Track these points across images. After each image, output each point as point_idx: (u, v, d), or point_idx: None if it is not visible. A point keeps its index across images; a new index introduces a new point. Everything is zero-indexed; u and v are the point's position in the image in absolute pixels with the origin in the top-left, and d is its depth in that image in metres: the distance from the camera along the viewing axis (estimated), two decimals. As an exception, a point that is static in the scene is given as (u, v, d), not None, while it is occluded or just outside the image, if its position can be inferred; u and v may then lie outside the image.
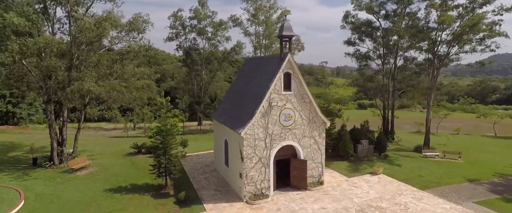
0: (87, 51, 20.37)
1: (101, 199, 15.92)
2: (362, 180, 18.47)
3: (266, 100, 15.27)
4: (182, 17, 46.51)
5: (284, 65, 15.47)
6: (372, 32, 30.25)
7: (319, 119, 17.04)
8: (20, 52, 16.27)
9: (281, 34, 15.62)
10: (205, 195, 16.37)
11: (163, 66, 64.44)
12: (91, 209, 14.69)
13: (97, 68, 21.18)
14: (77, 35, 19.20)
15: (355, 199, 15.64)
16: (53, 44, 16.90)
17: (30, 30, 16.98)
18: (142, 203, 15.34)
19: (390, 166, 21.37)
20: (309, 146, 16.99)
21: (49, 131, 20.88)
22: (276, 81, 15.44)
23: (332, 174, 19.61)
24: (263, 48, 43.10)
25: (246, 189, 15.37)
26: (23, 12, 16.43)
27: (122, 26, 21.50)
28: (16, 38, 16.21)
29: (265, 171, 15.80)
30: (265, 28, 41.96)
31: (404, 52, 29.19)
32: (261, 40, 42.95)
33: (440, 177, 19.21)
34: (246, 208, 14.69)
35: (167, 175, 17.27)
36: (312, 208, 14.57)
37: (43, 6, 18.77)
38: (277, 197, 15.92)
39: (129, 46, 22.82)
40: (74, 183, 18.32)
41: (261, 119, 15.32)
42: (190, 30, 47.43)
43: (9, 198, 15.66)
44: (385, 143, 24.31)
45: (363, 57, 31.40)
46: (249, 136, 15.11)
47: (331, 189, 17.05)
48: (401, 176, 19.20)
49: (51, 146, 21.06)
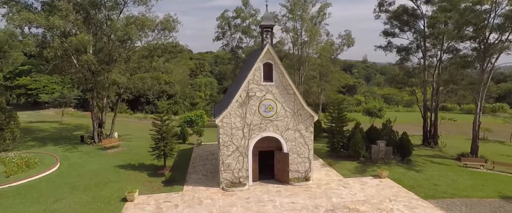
0: (119, 48, 23.86)
1: (109, 171, 18.69)
2: (357, 182, 16.83)
3: (244, 90, 15.45)
4: (229, 17, 49.06)
5: (263, 56, 15.37)
6: (413, 21, 26.57)
7: (305, 112, 16.28)
8: (62, 48, 20.36)
9: (261, 24, 15.52)
10: (191, 178, 17.52)
11: (226, 65, 69.52)
12: (97, 178, 17.44)
13: (128, 63, 24.59)
14: (110, 35, 22.76)
15: (334, 199, 14.49)
16: (85, 42, 20.49)
17: (70, 30, 21.04)
18: (136, 179, 17.41)
19: (405, 171, 18.76)
20: (294, 139, 16.40)
21: (91, 115, 25.28)
22: (255, 72, 15.46)
23: (329, 173, 18.40)
24: (302, 45, 42.15)
25: (223, 176, 15.88)
26: (65, 16, 20.47)
27: (150, 26, 24.39)
28: (60, 38, 20.34)
29: (243, 160, 15.99)
30: (302, 23, 40.90)
31: (450, 43, 24.71)
32: (299, 35, 41.99)
33: (462, 189, 16.02)
34: (218, 193, 15.22)
35: (165, 158, 19.08)
36: (281, 202, 14.17)
37: (86, 12, 22.80)
38: (254, 187, 15.94)
39: (156, 43, 25.75)
40: (100, 158, 21.88)
41: (238, 108, 15.59)
42: (236, 30, 49.63)
43: (49, 163, 19.81)
44: (410, 146, 21.27)
45: (404, 49, 27.81)
46: (225, 124, 15.57)
47: (316, 186, 16.12)
48: (409, 183, 16.73)
49: (93, 127, 25.45)
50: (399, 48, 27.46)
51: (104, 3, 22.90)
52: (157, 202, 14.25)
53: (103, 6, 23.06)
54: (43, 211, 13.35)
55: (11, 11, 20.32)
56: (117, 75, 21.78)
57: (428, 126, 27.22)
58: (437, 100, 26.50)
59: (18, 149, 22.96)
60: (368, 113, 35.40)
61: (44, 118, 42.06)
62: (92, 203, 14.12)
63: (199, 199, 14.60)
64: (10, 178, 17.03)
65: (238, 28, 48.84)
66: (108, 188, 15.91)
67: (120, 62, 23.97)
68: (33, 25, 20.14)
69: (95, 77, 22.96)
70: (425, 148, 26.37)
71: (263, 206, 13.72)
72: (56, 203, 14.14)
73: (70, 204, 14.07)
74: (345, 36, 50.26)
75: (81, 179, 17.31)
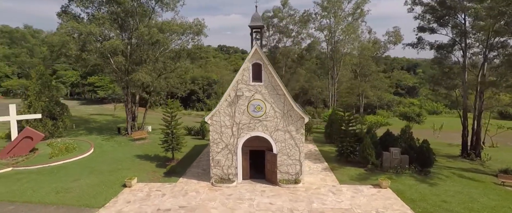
0: (148, 50, 26.60)
1: (126, 160, 21.15)
2: (352, 189, 15.79)
3: (232, 89, 15.93)
4: (267, 17, 49.67)
5: (251, 56, 15.61)
6: (453, 14, 23.29)
7: (295, 113, 15.96)
8: (98, 51, 23.78)
9: (249, 25, 15.75)
10: (190, 172, 18.73)
11: None
12: (114, 165, 19.94)
13: (155, 64, 27.21)
14: (139, 39, 25.58)
15: (315, 204, 13.96)
16: (116, 46, 23.48)
17: (106, 36, 24.36)
18: (144, 168, 19.36)
19: (415, 183, 16.80)
20: (284, 141, 16.22)
21: (125, 110, 28.70)
22: (244, 72, 15.80)
23: (326, 177, 17.62)
24: (335, 43, 40.32)
25: (212, 172, 16.64)
26: (102, 24, 23.80)
27: (176, 30, 26.58)
28: (96, 42, 23.79)
29: (232, 158, 16.49)
30: (336, 21, 39.08)
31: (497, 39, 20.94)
32: (333, 33, 40.21)
33: (476, 210, 13.73)
34: (205, 188, 16.04)
35: (173, 151, 20.72)
36: (259, 201, 14.26)
37: (121, 19, 26.01)
38: (242, 185, 16.31)
39: (181, 46, 27.90)
40: (126, 147, 24.79)
41: (227, 107, 16.13)
42: (276, 30, 49.98)
43: (85, 149, 23.30)
44: (431, 155, 18.88)
45: (440, 47, 24.59)
46: (214, 122, 16.28)
47: (304, 190, 15.69)
48: (412, 196, 15.01)
49: (127, 121, 28.87)
50: (433, 45, 24.30)
51: (136, 11, 25.78)
52: (150, 190, 15.75)
53: (135, 14, 25.96)
54: (61, 188, 15.98)
55: (63, 21, 24.51)
56: (143, 75, 24.38)
57: (468, 135, 23.56)
58: (480, 105, 22.77)
59: (69, 136, 27.49)
60: (405, 117, 32.13)
61: (103, 111, 48.91)
62: (98, 186, 16.33)
63: (186, 191, 15.63)
64: (52, 159, 20.67)
65: (276, 28, 49.20)
66: (117, 174, 18.11)
67: (148, 63, 26.68)
68: (76, 32, 23.93)
69: (127, 77, 26.03)
70: (464, 160, 22.90)
71: (239, 204, 14.04)
72: (72, 182, 16.76)
73: (82, 184, 16.53)
74: (393, 33, 46.32)
75: (101, 165, 20.02)
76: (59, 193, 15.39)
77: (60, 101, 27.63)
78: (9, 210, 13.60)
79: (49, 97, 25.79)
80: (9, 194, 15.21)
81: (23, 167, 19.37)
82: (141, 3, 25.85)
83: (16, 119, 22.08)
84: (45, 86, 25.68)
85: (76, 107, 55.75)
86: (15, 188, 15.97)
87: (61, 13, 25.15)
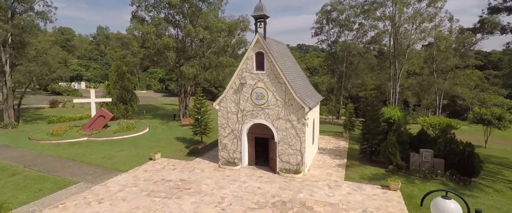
0: (196, 47, 29.79)
1: (166, 140, 24.52)
2: (352, 187, 14.54)
3: (237, 78, 16.78)
4: (326, 11, 47.80)
5: (253, 45, 16.10)
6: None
7: (296, 103, 15.68)
8: (154, 48, 28.13)
9: (252, 15, 16.20)
10: (208, 154, 20.46)
11: None
12: (153, 143, 23.48)
13: (202, 59, 30.21)
14: (188, 36, 28.96)
15: (302, 194, 13.59)
16: (167, 43, 27.28)
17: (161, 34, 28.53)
18: (175, 148, 22.12)
19: (439, 191, 14.16)
20: (285, 130, 16.14)
21: (178, 99, 32.77)
22: (247, 61, 16.43)
23: (333, 173, 16.59)
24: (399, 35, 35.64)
25: (220, 154, 17.90)
26: (158, 24, 28.02)
27: (220, 28, 28.95)
28: (153, 40, 28.18)
29: (237, 143, 17.37)
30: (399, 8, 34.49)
31: None
32: (397, 23, 35.60)
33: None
34: (211, 168, 17.45)
35: (201, 135, 22.93)
36: (249, 185, 14.75)
37: (174, 19, 29.91)
38: (244, 169, 17.04)
39: (225, 42, 30.13)
40: (174, 131, 28.53)
41: (233, 94, 17.08)
42: (335, 24, 47.74)
43: (141, 128, 28.02)
44: (475, 162, 15.44)
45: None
46: (222, 108, 17.46)
47: (300, 180, 15.34)
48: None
49: (179, 109, 32.95)
50: (505, 29, 19.28)
51: (187, 12, 29.25)
52: (167, 164, 18.17)
53: (187, 14, 29.46)
54: (108, 155, 20.04)
55: (133, 24, 29.92)
56: (188, 68, 27.58)
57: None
58: None
59: (136, 118, 33.34)
60: (480, 120, 26.32)
61: (176, 102, 56.34)
62: (133, 156, 19.76)
63: (194, 168, 17.40)
64: (115, 134, 25.76)
65: (336, 22, 46.85)
66: (152, 149, 21.33)
67: (196, 58, 29.85)
68: (139, 32, 28.87)
69: (178, 70, 29.83)
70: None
71: (231, 184, 14.88)
72: (118, 152, 20.73)
73: (123, 154, 20.27)
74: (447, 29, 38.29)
75: (146, 142, 23.86)
76: (104, 158, 19.38)
77: (131, 90, 33.69)
78: (68, 165, 18.02)
79: (122, 86, 31.81)
80: (75, 155, 20.02)
81: (94, 138, 24.84)
82: (192, 4, 29.08)
83: (95, 101, 28.24)
84: (120, 78, 31.82)
85: (158, 98, 65.87)
86: (80, 152, 20.87)
87: (132, 17, 30.69)
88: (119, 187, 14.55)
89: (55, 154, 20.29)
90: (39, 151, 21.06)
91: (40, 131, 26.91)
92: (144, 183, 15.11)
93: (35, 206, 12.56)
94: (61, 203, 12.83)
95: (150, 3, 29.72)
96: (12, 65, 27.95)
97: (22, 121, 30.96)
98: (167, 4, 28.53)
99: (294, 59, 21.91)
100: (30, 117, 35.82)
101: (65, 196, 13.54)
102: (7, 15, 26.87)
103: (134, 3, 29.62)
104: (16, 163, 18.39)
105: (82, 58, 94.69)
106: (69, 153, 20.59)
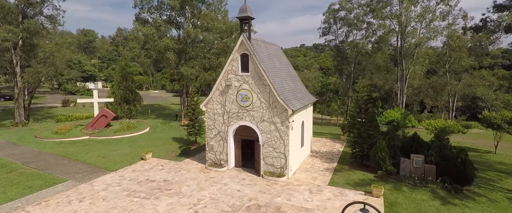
0: (193, 48, 30.08)
1: (161, 140, 24.89)
2: (335, 192, 14.13)
3: (223, 79, 16.75)
4: (334, 10, 46.88)
5: (238, 47, 16.01)
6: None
7: (280, 105, 15.44)
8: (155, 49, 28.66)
9: (237, 16, 16.08)
10: (199, 155, 20.53)
11: None
12: (149, 142, 23.90)
13: (202, 60, 30.45)
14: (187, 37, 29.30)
15: (280, 198, 13.37)
16: (167, 44, 27.72)
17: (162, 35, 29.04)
18: (168, 148, 22.42)
19: (427, 200, 13.47)
20: (269, 132, 15.94)
21: (180, 99, 33.20)
22: (232, 62, 16.36)
23: (319, 177, 16.21)
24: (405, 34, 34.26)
25: (207, 156, 17.95)
26: (158, 26, 28.53)
27: (220, 29, 29.09)
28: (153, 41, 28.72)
29: (224, 145, 17.34)
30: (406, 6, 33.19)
31: None
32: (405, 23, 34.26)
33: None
34: (197, 169, 17.53)
35: (196, 135, 23.10)
36: (229, 187, 14.69)
37: (178, 22, 30.34)
38: (229, 171, 16.99)
39: (225, 43, 30.21)
40: (173, 131, 28.93)
41: (219, 96, 17.06)
42: (343, 23, 46.75)
43: (142, 128, 28.61)
44: (468, 170, 14.56)
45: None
46: (209, 109, 17.48)
47: (282, 184, 15.10)
48: (408, 210, 12.29)
49: (181, 109, 33.39)
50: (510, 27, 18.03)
51: (188, 14, 29.60)
52: (156, 164, 18.43)
53: (187, 16, 29.81)
54: (102, 154, 20.61)
55: (135, 26, 30.66)
56: (186, 68, 27.90)
57: None
58: None
59: (140, 118, 34.11)
60: (490, 125, 24.81)
61: (184, 102, 57.25)
62: (126, 155, 20.21)
63: (181, 169, 17.55)
64: (115, 133, 26.47)
65: (344, 21, 45.85)
66: (146, 149, 21.70)
67: (196, 59, 30.14)
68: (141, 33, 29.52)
69: (178, 70, 30.25)
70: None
71: (212, 186, 14.89)
72: (112, 151, 21.28)
73: (117, 153, 20.78)
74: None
75: (143, 141, 24.34)
76: (98, 157, 19.95)
77: (134, 90, 34.52)
78: (63, 163, 18.70)
79: (126, 87, 32.65)
80: (72, 153, 20.74)
81: (95, 137, 25.65)
82: (192, 5, 29.39)
83: (97, 101, 29.14)
84: (124, 78, 32.67)
85: (168, 98, 67.10)
86: (78, 150, 21.60)
87: (135, 19, 31.44)
88: (103, 186, 14.91)
89: (55, 152, 21.11)
90: (41, 149, 21.99)
91: (47, 129, 28.13)
92: (128, 182, 15.40)
93: (19, 203, 13.11)
94: (44, 200, 13.32)
95: (152, 6, 30.32)
96: (22, 67, 29.38)
97: (32, 119, 32.49)
98: (169, 6, 28.98)
99: (287, 61, 21.60)
100: (41, 116, 37.55)
101: (50, 194, 14.04)
102: (18, 19, 28.26)
103: (137, 6, 30.33)
104: (16, 160, 19.30)
105: (103, 59, 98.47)
106: (68, 151, 21.36)
